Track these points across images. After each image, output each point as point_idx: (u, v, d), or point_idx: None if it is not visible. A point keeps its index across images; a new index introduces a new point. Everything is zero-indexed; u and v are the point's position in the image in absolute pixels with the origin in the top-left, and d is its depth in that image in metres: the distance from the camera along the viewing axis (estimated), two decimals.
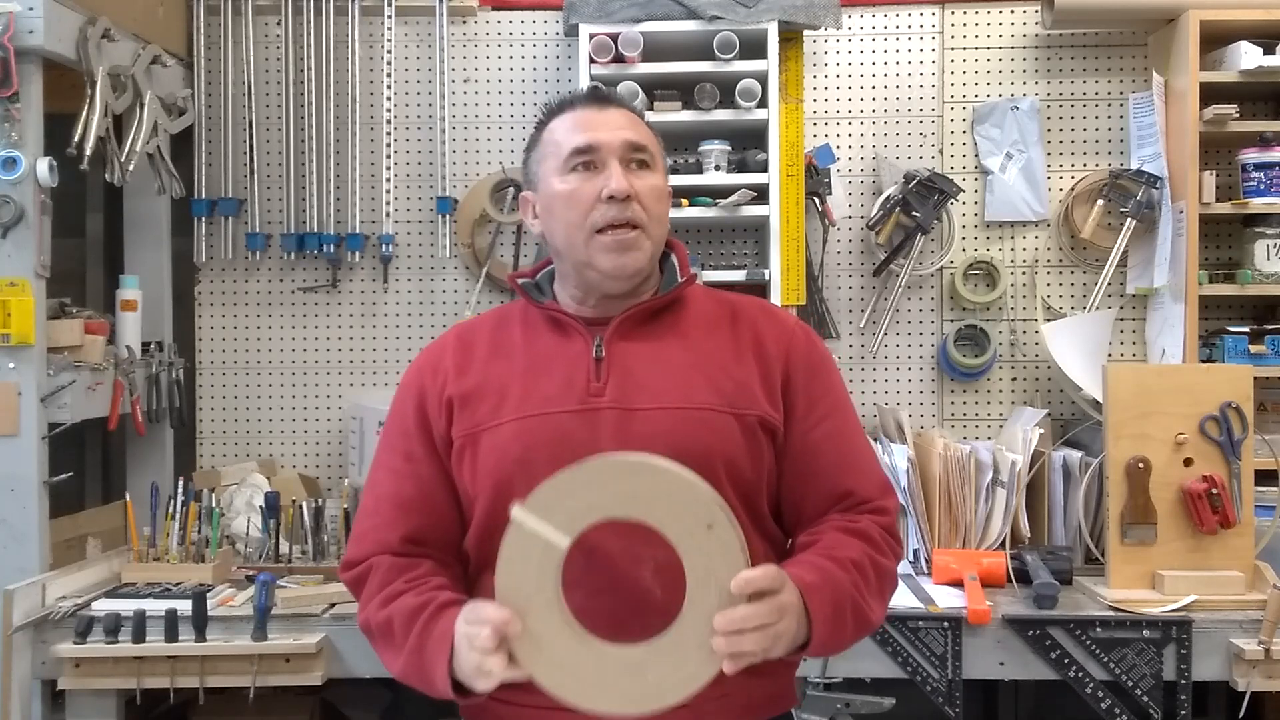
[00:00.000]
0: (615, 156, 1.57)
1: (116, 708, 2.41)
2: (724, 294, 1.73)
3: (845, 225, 3.16)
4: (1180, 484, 2.50)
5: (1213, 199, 2.89)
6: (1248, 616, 2.36)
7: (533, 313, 1.66)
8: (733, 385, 1.58)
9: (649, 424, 1.53)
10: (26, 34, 2.45)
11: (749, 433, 1.56)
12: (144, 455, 3.06)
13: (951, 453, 2.72)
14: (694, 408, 1.55)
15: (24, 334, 2.49)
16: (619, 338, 1.59)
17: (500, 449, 1.56)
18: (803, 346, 1.64)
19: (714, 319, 1.65)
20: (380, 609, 1.55)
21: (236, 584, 2.64)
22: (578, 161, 1.58)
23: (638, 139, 1.60)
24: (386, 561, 1.58)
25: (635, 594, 1.49)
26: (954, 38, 3.18)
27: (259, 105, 3.16)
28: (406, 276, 3.23)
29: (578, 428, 1.54)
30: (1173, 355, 2.90)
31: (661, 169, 1.65)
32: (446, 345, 1.68)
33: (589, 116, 1.61)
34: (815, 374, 1.63)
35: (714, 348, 1.61)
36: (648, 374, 1.57)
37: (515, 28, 3.23)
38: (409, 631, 1.50)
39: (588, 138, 1.58)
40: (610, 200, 1.55)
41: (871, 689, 2.38)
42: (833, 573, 1.48)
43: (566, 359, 1.59)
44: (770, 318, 1.67)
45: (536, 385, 1.58)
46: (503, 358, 1.63)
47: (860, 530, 1.57)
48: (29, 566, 2.50)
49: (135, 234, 3.11)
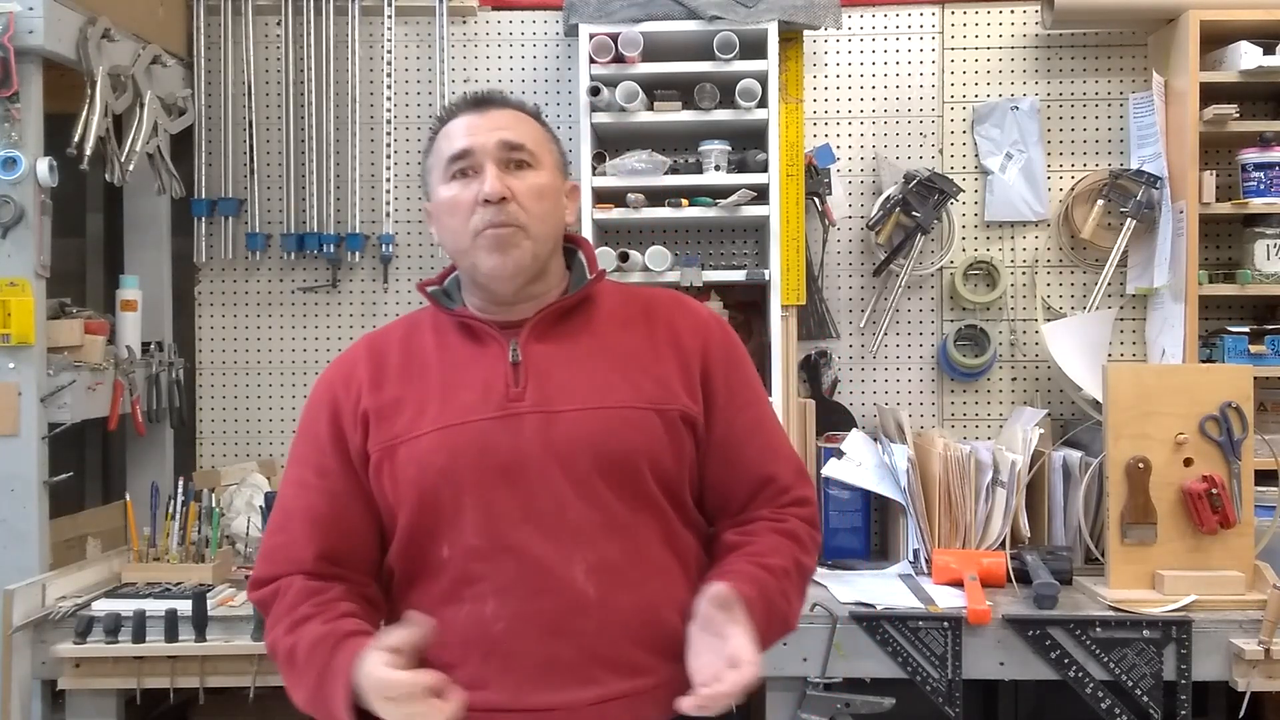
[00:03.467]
0: (490, 159, 1.57)
1: (116, 708, 2.41)
2: (636, 289, 1.73)
3: (845, 225, 3.16)
4: (1180, 484, 2.50)
5: (1213, 199, 2.88)
6: (1248, 616, 2.36)
7: (443, 320, 1.64)
8: (651, 381, 1.58)
9: (572, 425, 1.53)
10: (26, 34, 2.45)
11: (671, 428, 1.57)
12: (144, 455, 3.06)
13: (951, 453, 2.72)
14: (616, 406, 1.55)
15: (24, 334, 2.49)
16: (534, 340, 1.59)
17: (420, 460, 1.54)
18: (719, 339, 1.66)
19: (627, 316, 1.65)
20: (286, 634, 1.52)
21: (236, 584, 2.64)
22: (455, 168, 1.59)
23: (515, 138, 1.59)
24: (298, 583, 1.56)
25: (569, 595, 1.50)
26: (954, 38, 3.18)
27: (259, 105, 3.16)
28: (406, 276, 3.23)
29: (500, 434, 1.53)
30: (1173, 355, 2.90)
31: (549, 166, 1.63)
32: (358, 357, 1.65)
33: (468, 122, 1.60)
34: (734, 366, 1.66)
35: (630, 345, 1.61)
36: (566, 375, 1.57)
37: (515, 28, 3.23)
38: (312, 663, 1.48)
39: (462, 143, 1.58)
40: (486, 204, 1.55)
41: (871, 689, 2.38)
42: (767, 586, 1.53)
43: (482, 365, 1.58)
44: (685, 311, 1.68)
45: (454, 394, 1.56)
46: (417, 367, 1.61)
47: (789, 531, 1.61)
48: (29, 566, 2.50)
49: (135, 234, 3.11)
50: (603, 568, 1.51)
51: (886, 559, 2.91)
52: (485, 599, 1.51)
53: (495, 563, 1.51)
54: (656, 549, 1.56)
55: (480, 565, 1.52)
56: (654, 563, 1.55)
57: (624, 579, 1.52)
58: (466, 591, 1.52)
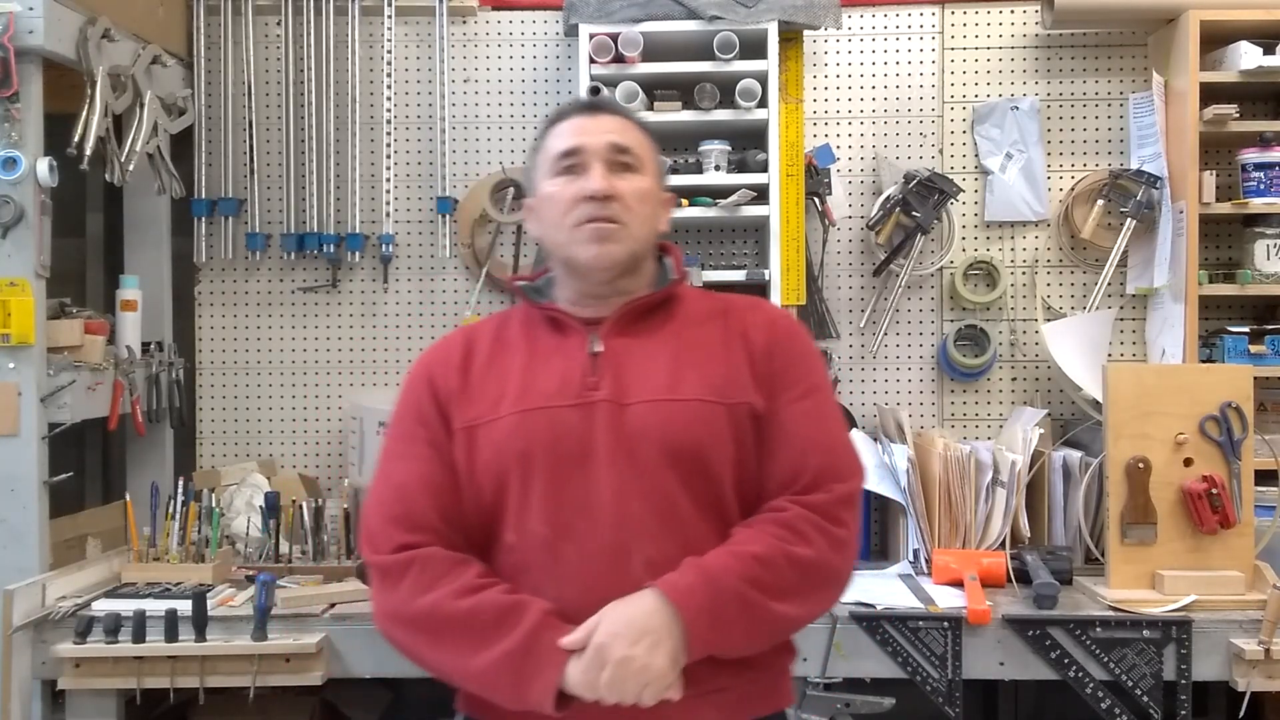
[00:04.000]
0: (598, 159, 1.64)
1: (116, 708, 2.40)
2: (717, 294, 1.79)
3: (845, 225, 3.16)
4: (1180, 484, 2.50)
5: (1213, 199, 2.89)
6: (1248, 616, 2.36)
7: (532, 313, 1.71)
8: (721, 376, 1.62)
9: (641, 416, 1.58)
10: (26, 34, 2.45)
11: (737, 422, 1.60)
12: (144, 455, 3.06)
13: (951, 453, 2.72)
14: (685, 399, 1.59)
15: (24, 334, 2.49)
16: (614, 334, 1.64)
17: (497, 442, 1.59)
18: (784, 333, 1.69)
19: (705, 315, 1.70)
20: (458, 599, 1.53)
21: (236, 584, 2.64)
22: (563, 165, 1.65)
23: (622, 142, 1.66)
24: (440, 552, 1.58)
25: (626, 588, 1.51)
26: (954, 38, 3.18)
27: (259, 105, 3.16)
28: (406, 276, 3.23)
29: (574, 421, 1.58)
30: (1173, 355, 2.90)
31: (651, 172, 1.69)
32: (454, 342, 1.73)
33: (579, 123, 1.68)
34: (792, 359, 1.67)
35: (704, 341, 1.66)
36: (641, 368, 1.61)
37: (515, 28, 3.23)
38: (506, 628, 1.50)
39: (572, 141, 1.65)
40: (590, 199, 1.61)
41: (871, 689, 2.38)
42: (716, 575, 1.50)
43: (563, 355, 1.64)
44: (757, 310, 1.73)
45: (534, 381, 1.62)
46: (503, 355, 1.67)
47: (784, 520, 1.57)
48: (29, 566, 2.50)
49: (135, 234, 3.11)
50: (662, 561, 1.53)
51: (886, 559, 2.91)
52: (545, 586, 1.55)
53: (557, 550, 1.55)
54: (714, 547, 1.57)
55: (542, 552, 1.55)
56: None
57: None
58: (526, 577, 1.56)
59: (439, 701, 1.58)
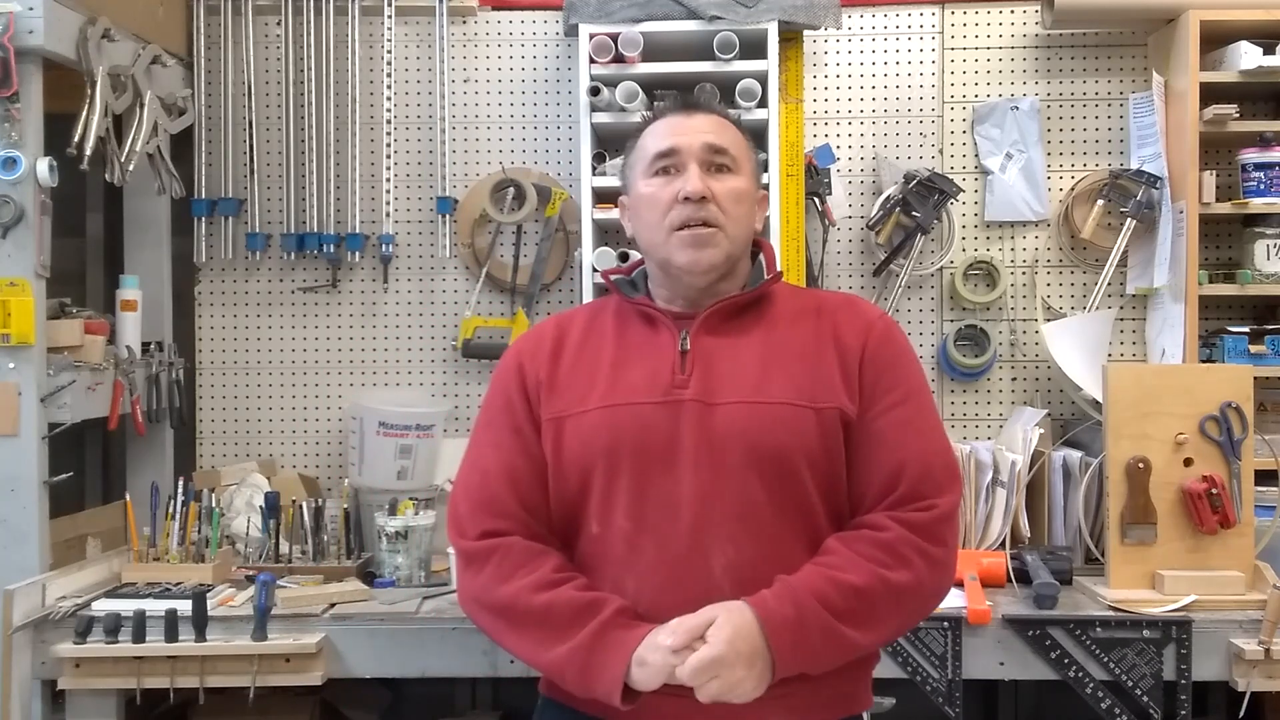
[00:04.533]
0: (694, 160, 1.64)
1: (116, 708, 2.41)
2: (812, 291, 1.80)
3: (845, 225, 3.16)
4: (1180, 484, 2.50)
5: (1213, 199, 2.88)
6: (1248, 616, 2.36)
7: (625, 307, 1.72)
8: (811, 379, 1.60)
9: (728, 418, 1.57)
10: (26, 34, 2.44)
11: (827, 426, 1.59)
12: (144, 455, 3.06)
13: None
14: (773, 402, 1.58)
15: (24, 334, 2.49)
16: (705, 332, 1.64)
17: (584, 436, 1.61)
18: (880, 336, 1.66)
19: (798, 315, 1.68)
20: (536, 593, 1.55)
21: (236, 584, 2.64)
22: (659, 166, 1.66)
23: (719, 143, 1.66)
24: (520, 543, 1.61)
25: (705, 588, 1.53)
26: (954, 38, 3.18)
27: (259, 105, 3.16)
28: (406, 276, 3.23)
29: (661, 419, 1.58)
30: (1173, 355, 2.90)
31: (748, 173, 1.69)
32: (545, 331, 1.74)
33: (675, 123, 1.68)
34: (890, 364, 1.65)
35: (796, 341, 1.64)
36: (730, 368, 1.61)
37: (515, 28, 3.23)
38: (579, 625, 1.52)
39: (669, 142, 1.66)
40: (686, 201, 1.61)
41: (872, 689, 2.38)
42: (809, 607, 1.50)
43: (653, 351, 1.64)
44: (852, 310, 1.70)
45: (623, 375, 1.63)
46: (593, 347, 1.68)
47: (885, 543, 1.55)
48: (29, 566, 2.49)
49: (135, 234, 3.11)
50: (741, 565, 1.54)
51: None
52: (625, 580, 1.56)
53: (639, 546, 1.56)
54: (798, 554, 1.57)
55: (625, 546, 1.57)
56: (791, 568, 1.55)
57: (760, 580, 1.53)
58: (608, 570, 1.58)
59: (439, 701, 1.59)
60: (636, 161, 1.71)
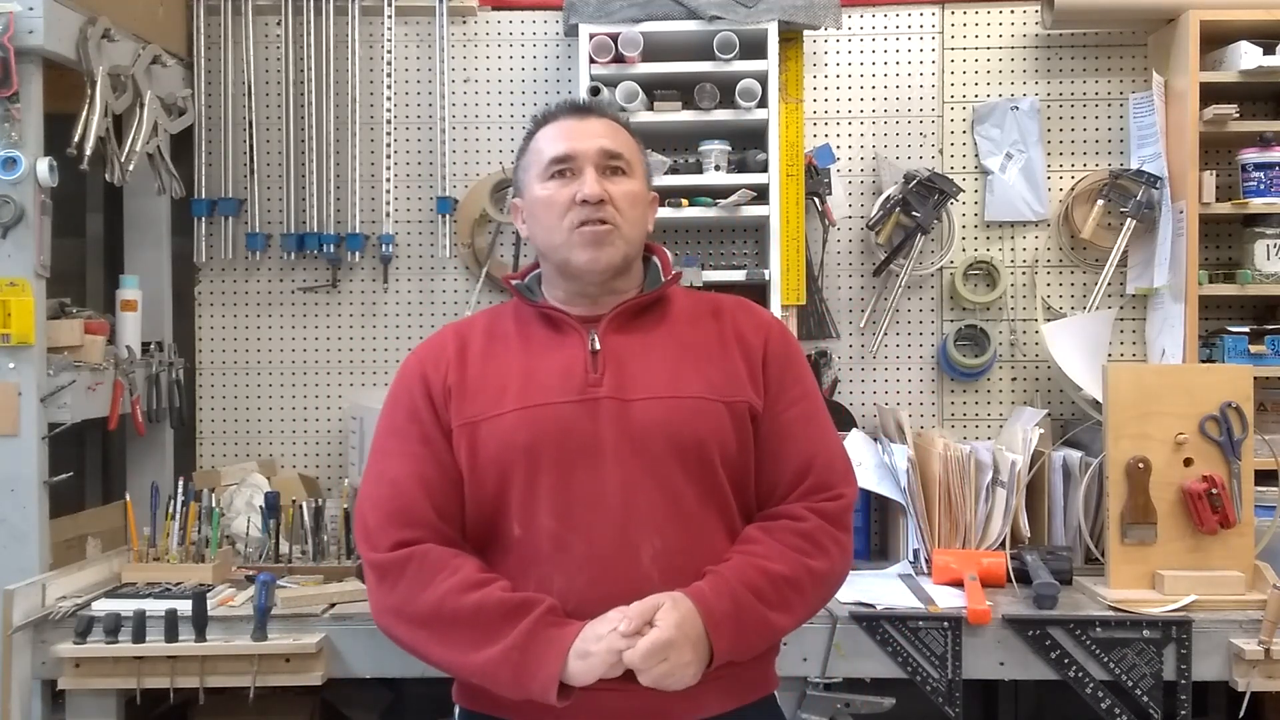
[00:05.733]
0: (591, 164, 1.68)
1: (116, 708, 2.40)
2: (705, 293, 1.84)
3: (845, 225, 3.16)
4: (1180, 484, 2.50)
5: (1213, 199, 2.89)
6: (1248, 616, 2.36)
7: (526, 311, 1.74)
8: (720, 375, 1.67)
9: (645, 413, 1.61)
10: (26, 34, 2.45)
11: (738, 419, 1.65)
12: (144, 455, 3.06)
13: (951, 453, 2.72)
14: (686, 397, 1.63)
15: (24, 334, 2.49)
16: (612, 331, 1.68)
17: (503, 438, 1.62)
18: (778, 338, 1.75)
19: (697, 315, 1.74)
20: (463, 594, 1.56)
21: (236, 584, 2.64)
22: (555, 169, 1.69)
23: (614, 147, 1.70)
24: (435, 549, 1.61)
25: (634, 579, 1.56)
26: (954, 38, 3.18)
27: (259, 105, 3.16)
28: (406, 276, 3.23)
29: (580, 416, 1.61)
30: (1173, 355, 2.90)
31: (640, 176, 1.74)
32: (445, 338, 1.75)
33: (569, 126, 1.71)
34: (789, 363, 1.73)
35: (700, 340, 1.70)
36: (641, 366, 1.65)
37: (515, 28, 3.23)
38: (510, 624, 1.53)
39: (565, 147, 1.69)
40: (584, 203, 1.65)
41: (871, 689, 2.38)
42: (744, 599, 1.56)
43: (563, 352, 1.67)
44: (749, 312, 1.78)
45: (535, 377, 1.65)
46: (499, 352, 1.70)
47: (805, 532, 1.63)
48: (29, 566, 2.50)
49: (135, 234, 3.11)
50: (670, 553, 1.58)
51: (886, 559, 2.91)
52: (552, 578, 1.58)
53: (565, 544, 1.58)
54: (720, 541, 1.63)
55: (551, 545, 1.59)
56: (716, 554, 1.62)
57: (688, 567, 1.58)
58: (534, 570, 1.59)
59: (439, 701, 1.59)
60: (531, 164, 1.74)
